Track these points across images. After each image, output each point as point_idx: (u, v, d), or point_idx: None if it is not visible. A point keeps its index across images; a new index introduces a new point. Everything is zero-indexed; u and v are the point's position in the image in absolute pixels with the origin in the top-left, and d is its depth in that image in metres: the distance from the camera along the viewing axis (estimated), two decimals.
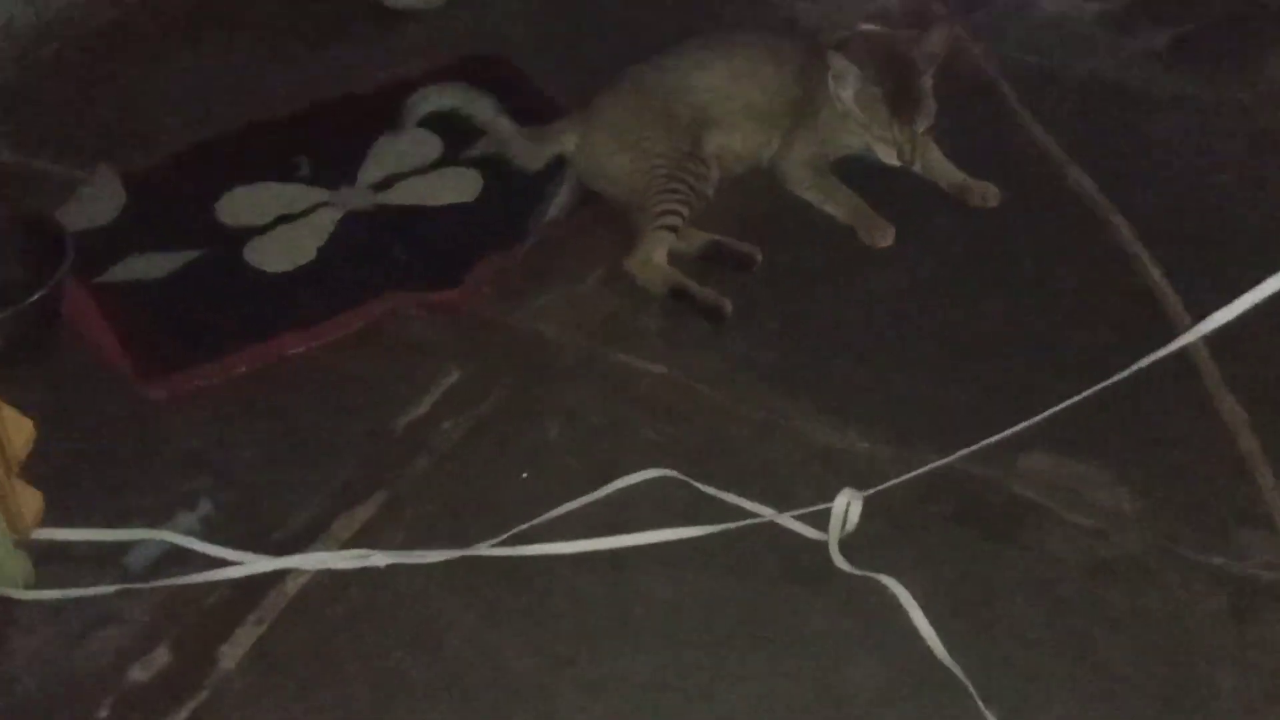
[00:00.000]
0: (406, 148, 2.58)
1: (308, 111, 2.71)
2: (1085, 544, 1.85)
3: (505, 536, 1.83)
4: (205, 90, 2.79)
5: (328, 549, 1.85)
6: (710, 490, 1.91)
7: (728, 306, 2.23)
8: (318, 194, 2.48)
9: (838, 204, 2.44)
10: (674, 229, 2.32)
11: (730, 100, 2.48)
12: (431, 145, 2.60)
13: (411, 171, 2.53)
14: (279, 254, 2.36)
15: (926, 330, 2.23)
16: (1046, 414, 1.66)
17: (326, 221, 2.42)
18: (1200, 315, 1.47)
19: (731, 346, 2.19)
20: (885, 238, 2.38)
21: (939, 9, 3.01)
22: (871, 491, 1.80)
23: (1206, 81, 2.81)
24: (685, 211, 2.34)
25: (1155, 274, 2.28)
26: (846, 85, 2.40)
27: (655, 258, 2.30)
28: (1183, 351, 2.01)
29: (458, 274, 2.30)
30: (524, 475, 1.97)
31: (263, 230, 2.40)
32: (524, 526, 1.84)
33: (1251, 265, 1.40)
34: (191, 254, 2.35)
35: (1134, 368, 1.55)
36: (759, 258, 2.33)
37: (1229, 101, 2.75)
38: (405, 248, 2.37)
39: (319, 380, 2.13)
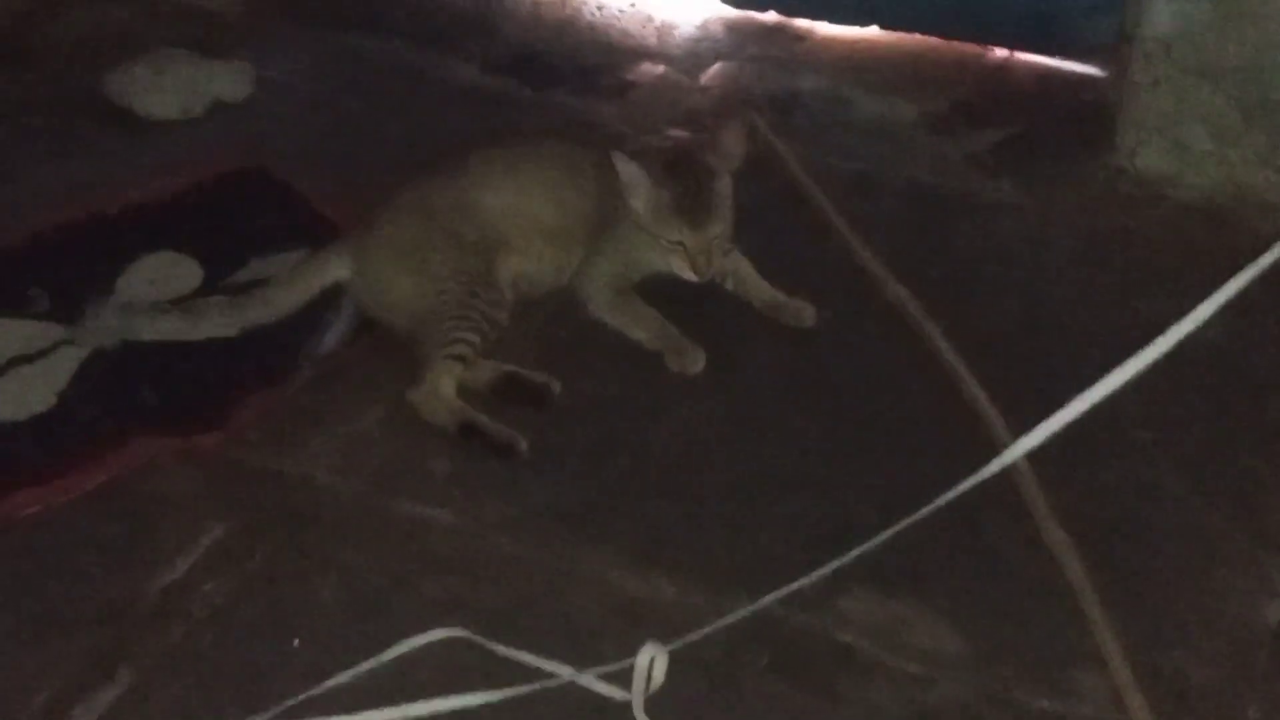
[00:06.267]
0: (160, 275, 2.64)
1: (45, 234, 2.75)
2: (910, 692, 1.94)
3: (272, 713, 1.86)
4: None
5: None
6: (504, 650, 1.96)
7: (522, 444, 2.31)
8: (56, 331, 2.51)
9: (642, 328, 2.55)
10: (463, 359, 2.40)
11: (521, 219, 2.59)
12: (189, 271, 2.66)
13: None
14: (11, 401, 2.37)
15: (740, 464, 2.33)
16: (860, 550, 1.76)
17: (68, 362, 2.45)
18: None
19: (527, 489, 2.26)
20: (695, 364, 2.49)
21: (751, 114, 3.19)
22: (677, 644, 1.88)
23: (1032, 187, 3.04)
24: (476, 340, 2.42)
25: (980, 395, 2.41)
26: (637, 193, 2.50)
27: (442, 390, 2.37)
28: (1010, 481, 2.18)
29: (219, 415, 2.35)
30: (295, 643, 2.00)
31: None
32: (294, 701, 1.87)
33: (1081, 381, 1.53)
34: None
35: (948, 496, 1.66)
36: (557, 389, 2.42)
37: (1056, 207, 2.97)
38: (157, 388, 2.40)
39: (56, 544, 2.14)
